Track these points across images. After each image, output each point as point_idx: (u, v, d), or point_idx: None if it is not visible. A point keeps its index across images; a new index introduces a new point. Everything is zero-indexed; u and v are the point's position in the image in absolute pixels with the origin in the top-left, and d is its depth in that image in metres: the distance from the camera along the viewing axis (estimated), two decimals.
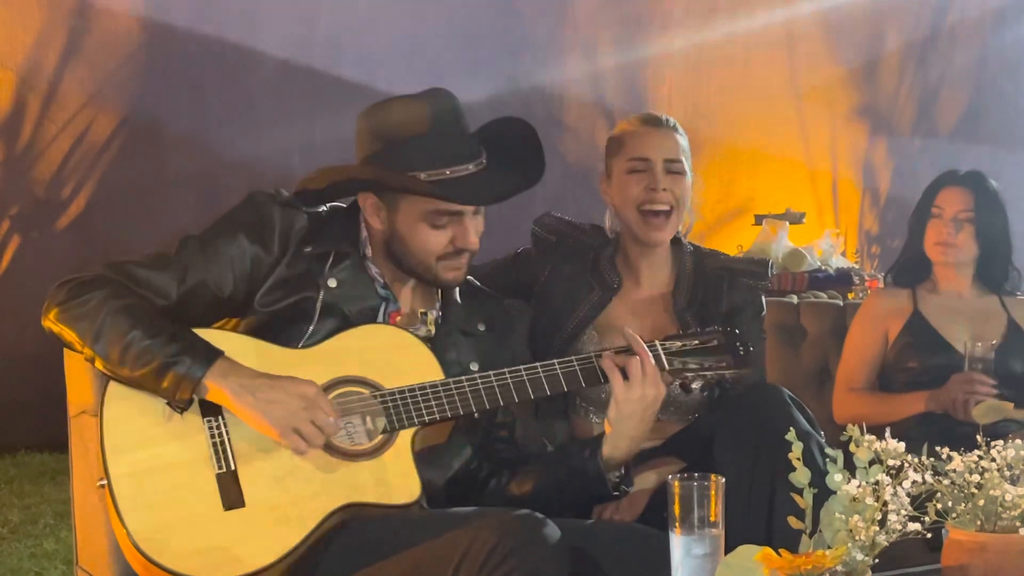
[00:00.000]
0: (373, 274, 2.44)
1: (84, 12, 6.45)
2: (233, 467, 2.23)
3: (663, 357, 2.40)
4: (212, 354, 2.23)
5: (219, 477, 2.23)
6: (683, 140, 2.83)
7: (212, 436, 2.25)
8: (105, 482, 2.22)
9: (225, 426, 2.25)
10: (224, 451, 2.24)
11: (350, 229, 2.45)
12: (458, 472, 2.46)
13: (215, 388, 2.21)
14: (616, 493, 2.46)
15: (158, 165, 6.62)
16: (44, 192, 6.43)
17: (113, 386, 2.27)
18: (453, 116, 2.38)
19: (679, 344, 2.42)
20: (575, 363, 2.39)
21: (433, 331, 2.46)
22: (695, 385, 2.45)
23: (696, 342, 2.43)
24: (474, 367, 2.45)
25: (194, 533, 2.20)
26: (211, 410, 2.25)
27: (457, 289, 2.50)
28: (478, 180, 2.35)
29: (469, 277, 2.54)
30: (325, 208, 2.45)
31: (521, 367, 2.36)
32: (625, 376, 2.35)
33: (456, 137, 2.37)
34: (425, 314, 2.47)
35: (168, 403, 2.24)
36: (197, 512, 2.21)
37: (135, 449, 2.24)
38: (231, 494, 2.22)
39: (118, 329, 2.23)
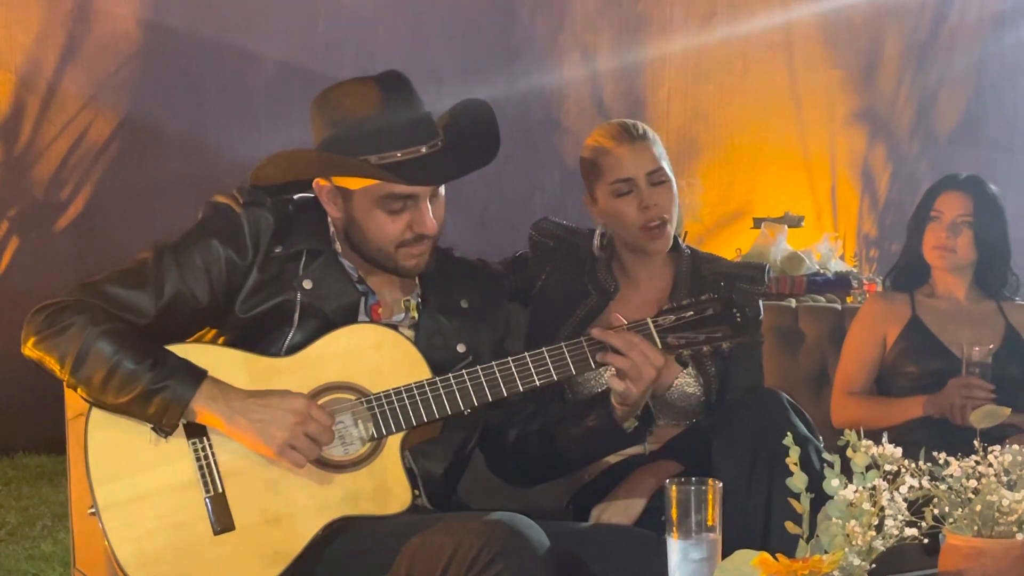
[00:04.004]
0: (347, 269, 2.39)
1: (83, 13, 6.44)
2: (221, 489, 2.22)
3: (654, 336, 2.31)
4: (197, 376, 2.20)
5: (207, 501, 2.21)
6: (658, 145, 2.79)
7: (198, 459, 2.22)
8: (95, 510, 2.21)
9: (211, 447, 2.23)
10: (211, 474, 2.22)
11: (318, 224, 2.38)
12: (456, 459, 2.43)
13: (205, 413, 2.20)
14: (643, 431, 2.41)
15: (157, 166, 6.61)
16: (43, 193, 6.42)
17: (96, 413, 2.24)
18: (405, 98, 2.31)
19: (672, 319, 2.32)
20: (564, 349, 2.31)
21: (416, 317, 2.42)
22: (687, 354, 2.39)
23: (691, 313, 2.33)
24: (460, 348, 2.41)
25: (186, 560, 2.19)
26: (196, 431, 2.23)
27: (435, 266, 2.41)
28: (428, 162, 2.28)
29: (449, 248, 2.49)
30: (292, 206, 2.38)
31: (509, 358, 2.30)
32: (624, 375, 2.29)
33: (408, 119, 2.29)
34: (407, 301, 2.42)
35: (153, 428, 2.22)
36: (187, 539, 2.20)
37: (121, 477, 2.22)
38: (221, 518, 2.21)
39: (100, 356, 2.19)
